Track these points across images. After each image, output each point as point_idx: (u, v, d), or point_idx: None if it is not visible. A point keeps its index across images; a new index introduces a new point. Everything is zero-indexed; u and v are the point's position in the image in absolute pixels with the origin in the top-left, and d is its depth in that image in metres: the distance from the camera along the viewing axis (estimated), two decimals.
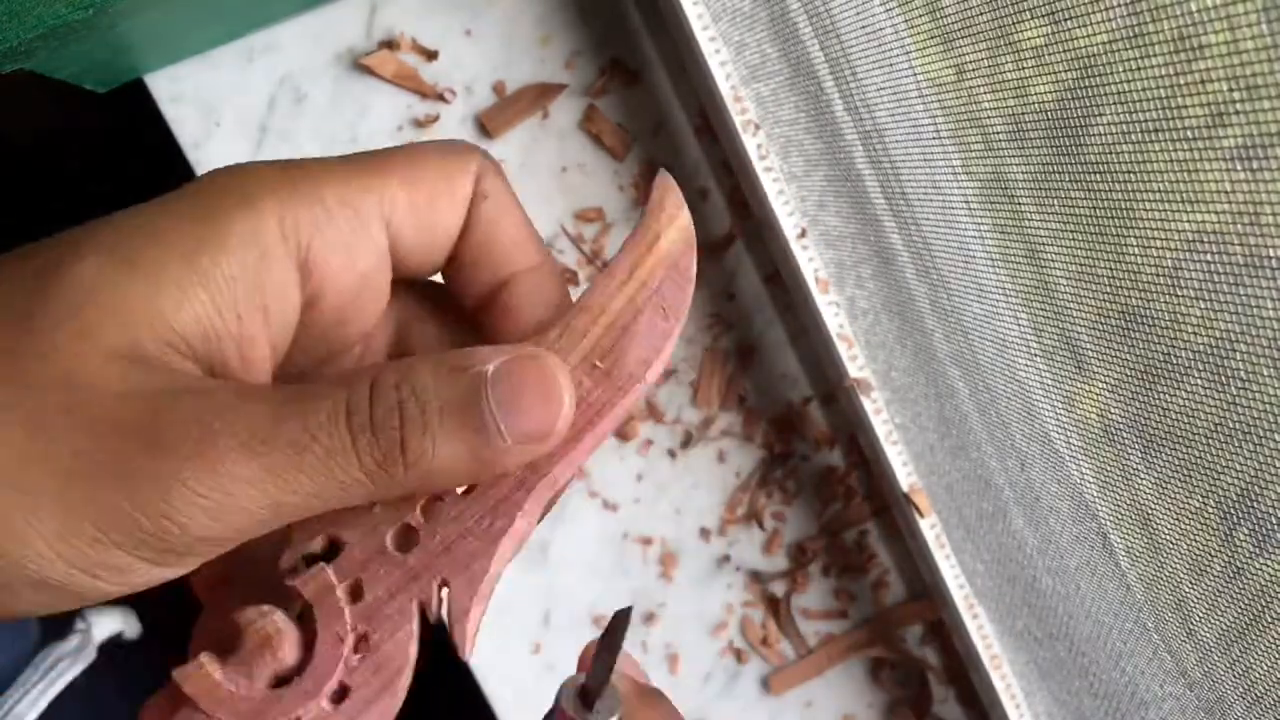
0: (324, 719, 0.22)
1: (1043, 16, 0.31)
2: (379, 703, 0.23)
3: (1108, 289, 0.36)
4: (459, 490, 0.23)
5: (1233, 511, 0.34)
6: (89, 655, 0.51)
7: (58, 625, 0.52)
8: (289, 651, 0.22)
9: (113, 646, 0.53)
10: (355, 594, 0.23)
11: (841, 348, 0.56)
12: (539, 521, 0.24)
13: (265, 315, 0.22)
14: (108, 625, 0.52)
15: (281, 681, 0.23)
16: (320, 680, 0.22)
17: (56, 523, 0.19)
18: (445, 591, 0.23)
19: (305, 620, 0.23)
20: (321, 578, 0.23)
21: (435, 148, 0.24)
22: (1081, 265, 0.37)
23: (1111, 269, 0.35)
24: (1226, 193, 0.28)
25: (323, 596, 0.22)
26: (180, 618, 0.23)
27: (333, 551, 0.23)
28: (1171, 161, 0.29)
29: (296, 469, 0.20)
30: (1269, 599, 0.34)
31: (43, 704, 0.48)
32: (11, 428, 0.19)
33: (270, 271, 0.21)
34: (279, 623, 0.22)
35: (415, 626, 0.23)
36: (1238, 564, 0.35)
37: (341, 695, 0.23)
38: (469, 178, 0.24)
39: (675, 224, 0.24)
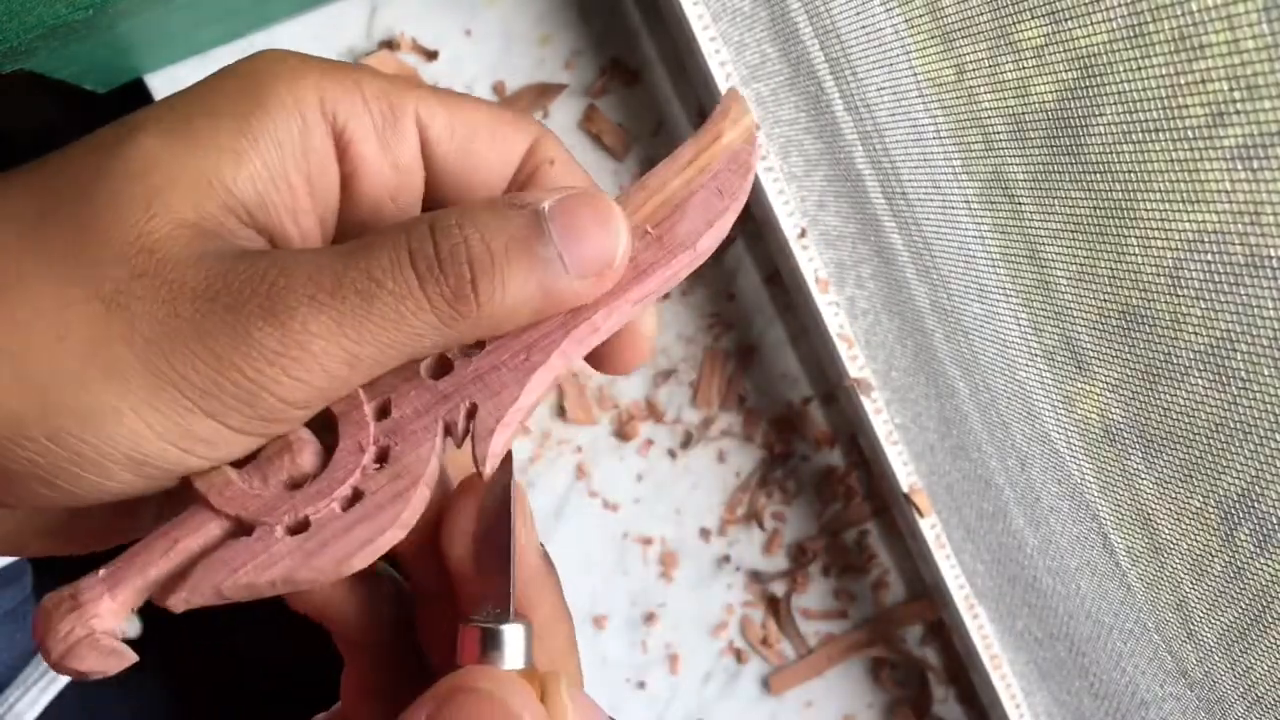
0: (332, 519, 0.22)
1: (1043, 16, 0.31)
2: (390, 508, 0.22)
3: (1108, 289, 0.36)
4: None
5: (1233, 511, 0.34)
6: None
7: None
8: (308, 459, 0.22)
9: None
10: (382, 412, 0.23)
11: (841, 348, 0.56)
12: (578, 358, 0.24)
13: (311, 187, 0.22)
14: None
15: (296, 487, 0.22)
16: (334, 483, 0.22)
17: (145, 393, 0.19)
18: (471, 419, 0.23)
19: (328, 431, 0.23)
20: (351, 396, 0.22)
21: (495, 105, 0.25)
22: (1082, 265, 0.37)
23: (1112, 269, 0.35)
24: (1227, 192, 0.28)
25: (349, 410, 0.22)
26: (182, 618, 0.23)
27: None
28: (1172, 161, 0.29)
29: (365, 317, 0.20)
30: (1269, 599, 0.34)
31: (43, 702, 0.48)
32: (90, 303, 0.19)
33: (312, 140, 0.22)
34: (301, 433, 0.22)
35: (439, 443, 0.23)
36: (1238, 564, 0.35)
37: (354, 501, 0.22)
38: (522, 136, 0.25)
39: (739, 124, 0.25)
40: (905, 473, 0.57)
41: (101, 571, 0.21)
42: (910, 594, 0.64)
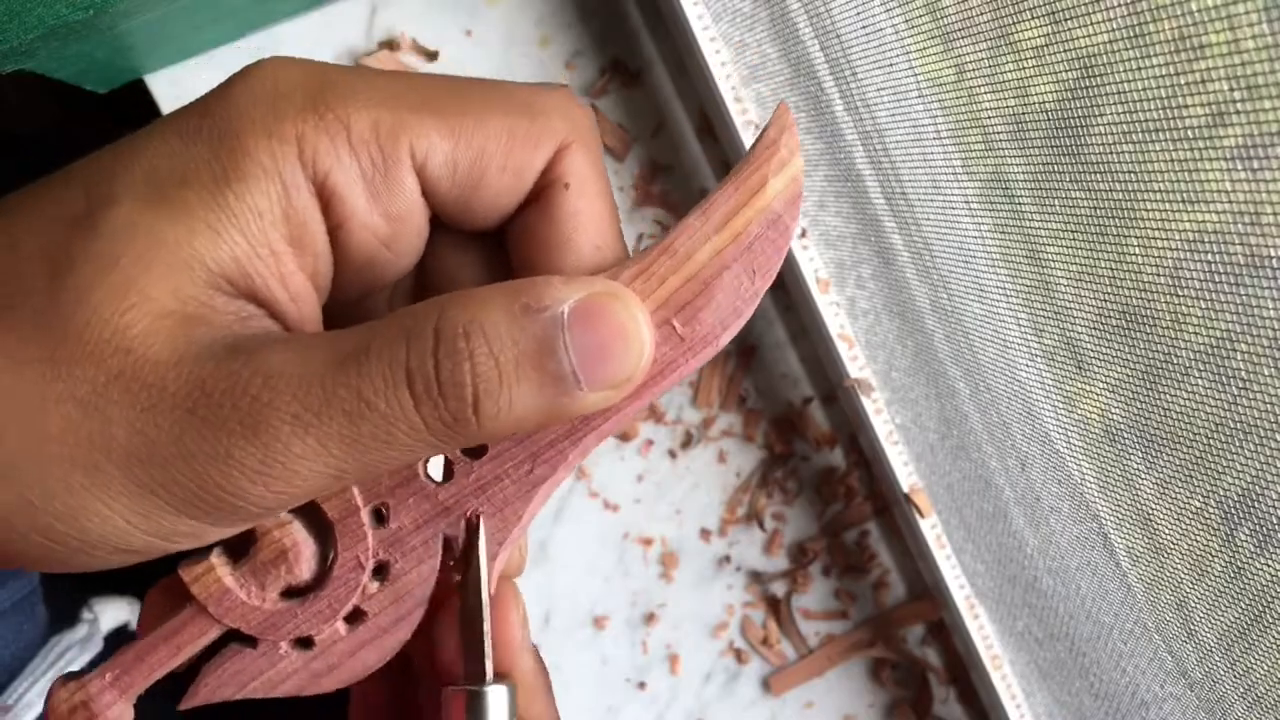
0: (337, 640, 0.22)
1: (1043, 16, 0.31)
2: (393, 633, 0.22)
3: (1108, 289, 0.36)
4: None
5: (1234, 512, 0.34)
6: (96, 645, 0.51)
7: (66, 615, 0.52)
8: (304, 567, 0.22)
9: (119, 637, 0.53)
10: (379, 519, 0.22)
11: (842, 348, 0.56)
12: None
13: (298, 248, 0.21)
14: (114, 616, 0.52)
15: (291, 594, 0.22)
16: (337, 604, 0.22)
17: (129, 499, 0.19)
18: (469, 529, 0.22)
19: (322, 531, 0.22)
20: (346, 496, 0.22)
21: (516, 102, 0.22)
22: (1082, 265, 0.37)
23: (1112, 269, 0.35)
24: (1227, 192, 0.28)
25: (346, 516, 0.22)
26: None
27: None
28: (1172, 161, 0.29)
29: (353, 439, 0.19)
30: (1270, 599, 0.34)
31: None
32: (64, 403, 0.19)
33: (292, 203, 0.21)
34: (296, 535, 0.22)
35: (438, 562, 0.22)
36: (1239, 564, 0.35)
37: (355, 618, 0.22)
38: (541, 153, 0.22)
39: (786, 170, 0.22)
40: (905, 473, 0.57)
41: (108, 675, 0.21)
42: (911, 594, 0.64)
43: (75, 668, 0.49)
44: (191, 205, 0.20)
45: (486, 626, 0.22)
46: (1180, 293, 0.32)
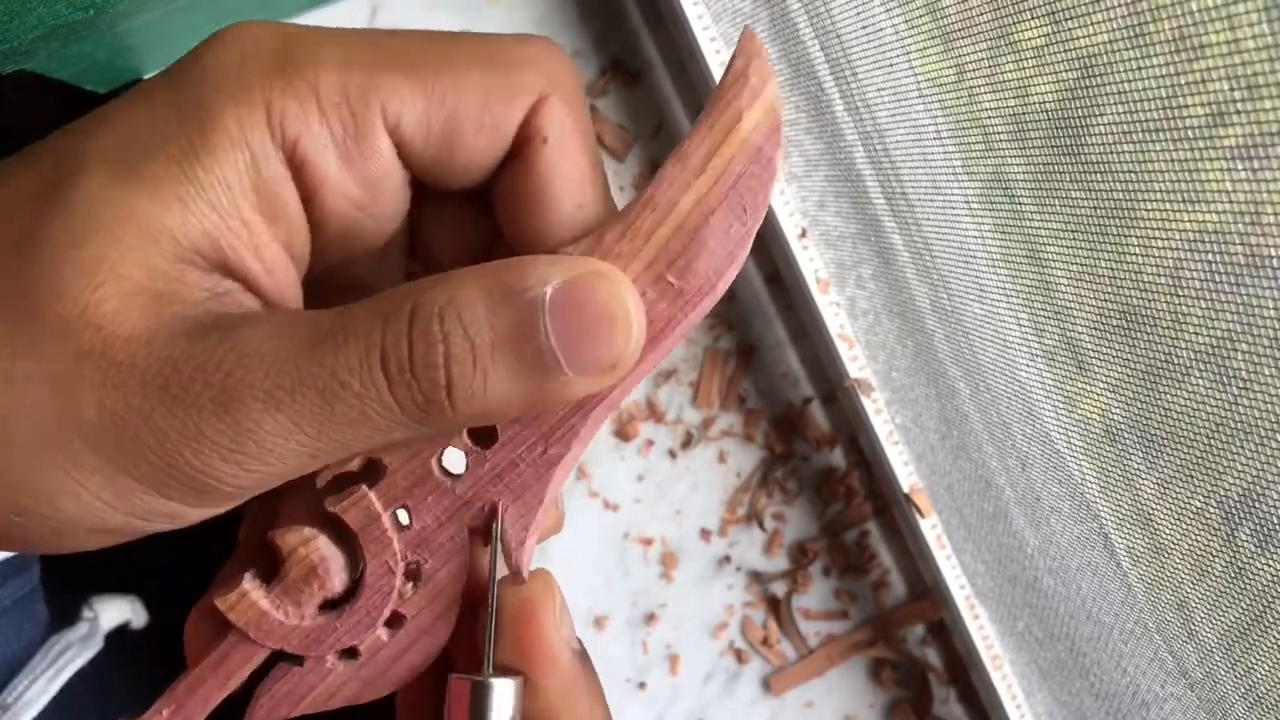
0: (380, 647, 0.22)
1: (1043, 16, 0.31)
2: (434, 632, 0.22)
3: (1109, 289, 0.36)
4: None
5: (1234, 511, 0.34)
6: (96, 643, 0.51)
7: (66, 614, 0.52)
8: (335, 580, 0.22)
9: (119, 635, 0.53)
10: (402, 522, 0.22)
11: (842, 348, 0.56)
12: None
13: (270, 219, 0.20)
14: (114, 614, 0.52)
15: (329, 606, 0.22)
16: (375, 611, 0.22)
17: (103, 478, 0.19)
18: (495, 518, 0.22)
19: (349, 542, 0.22)
20: (364, 504, 0.21)
21: (491, 56, 0.21)
22: (1082, 265, 0.37)
23: (1112, 269, 0.35)
24: (1227, 192, 0.28)
25: (368, 524, 0.21)
26: (186, 607, 0.23)
27: (370, 470, 0.22)
28: (1172, 161, 0.29)
29: (326, 418, 0.19)
30: (1270, 599, 0.34)
31: (53, 690, 0.48)
32: (34, 382, 0.18)
33: (261, 173, 0.20)
34: (323, 549, 0.21)
35: (468, 557, 0.22)
36: (1239, 564, 0.35)
37: (394, 622, 0.22)
38: (516, 107, 0.21)
39: (760, 100, 0.20)
40: (906, 473, 0.57)
41: (165, 713, 0.21)
42: (911, 594, 0.64)
43: (76, 665, 0.49)
44: (159, 179, 0.19)
45: (491, 616, 0.22)
46: (1180, 293, 0.32)
